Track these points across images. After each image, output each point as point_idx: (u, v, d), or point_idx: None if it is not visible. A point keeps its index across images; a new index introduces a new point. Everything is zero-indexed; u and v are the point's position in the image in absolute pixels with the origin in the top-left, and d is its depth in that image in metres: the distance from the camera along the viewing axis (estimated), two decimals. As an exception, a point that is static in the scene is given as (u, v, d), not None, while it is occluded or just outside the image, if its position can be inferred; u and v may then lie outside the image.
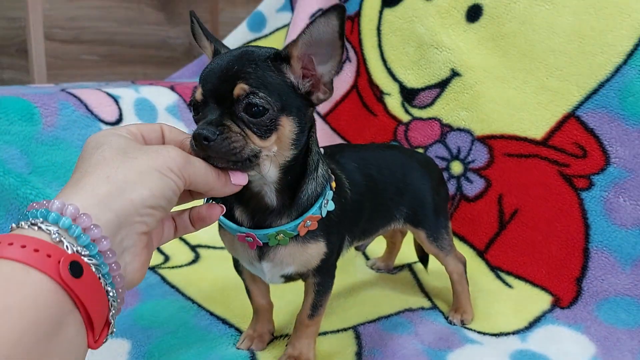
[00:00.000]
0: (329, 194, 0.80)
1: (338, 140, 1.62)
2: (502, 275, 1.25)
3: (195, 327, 0.98)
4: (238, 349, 0.93)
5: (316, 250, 0.81)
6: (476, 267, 1.28)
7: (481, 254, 1.31)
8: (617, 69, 1.20)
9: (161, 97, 1.57)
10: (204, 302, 1.07)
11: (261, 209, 0.77)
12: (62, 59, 2.45)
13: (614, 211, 1.16)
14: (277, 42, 1.90)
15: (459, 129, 1.40)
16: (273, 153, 0.70)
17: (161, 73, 2.65)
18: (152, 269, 1.20)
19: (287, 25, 1.89)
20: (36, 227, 0.48)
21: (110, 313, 0.52)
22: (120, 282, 0.53)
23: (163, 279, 1.16)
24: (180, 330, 0.96)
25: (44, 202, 0.51)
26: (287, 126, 0.69)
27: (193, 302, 1.07)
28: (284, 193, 0.76)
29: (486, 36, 1.40)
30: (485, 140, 1.36)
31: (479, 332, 1.03)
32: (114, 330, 0.54)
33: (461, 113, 1.40)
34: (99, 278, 0.50)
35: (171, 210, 0.61)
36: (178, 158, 0.58)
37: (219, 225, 0.82)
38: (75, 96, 1.39)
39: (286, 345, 0.92)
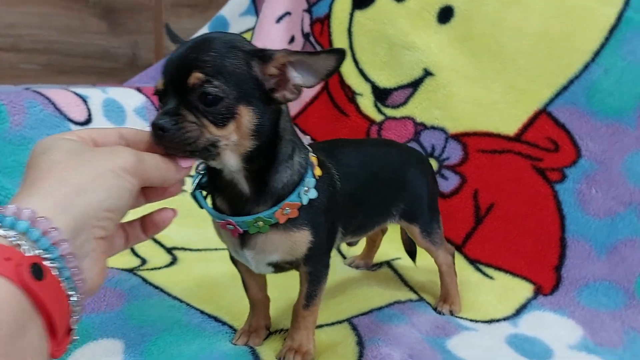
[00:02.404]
0: (310, 181, 0.79)
1: (307, 141, 1.62)
2: (482, 267, 1.28)
3: (189, 324, 0.94)
4: (235, 344, 0.90)
5: (300, 238, 0.80)
6: (455, 261, 1.30)
7: (459, 248, 1.34)
8: (585, 67, 1.26)
9: (129, 98, 1.52)
10: (192, 301, 1.03)
11: (236, 196, 0.77)
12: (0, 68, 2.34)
13: (587, 202, 1.22)
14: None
15: (433, 127, 1.43)
16: (233, 142, 0.69)
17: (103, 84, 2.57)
18: (131, 271, 1.14)
19: (252, 29, 1.88)
20: None
21: (72, 319, 0.49)
22: (82, 287, 0.50)
23: (144, 280, 1.10)
24: (174, 328, 0.92)
25: None
26: (246, 115, 0.69)
27: (181, 301, 1.03)
28: (256, 181, 0.76)
29: (457, 37, 1.44)
30: (459, 137, 1.40)
31: (471, 320, 1.05)
32: (76, 338, 0.51)
33: (434, 112, 1.44)
34: (61, 282, 0.47)
35: (121, 220, 0.59)
36: (130, 157, 0.57)
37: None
38: (42, 95, 1.32)
39: (285, 339, 0.90)
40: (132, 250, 1.26)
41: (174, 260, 1.25)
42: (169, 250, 1.30)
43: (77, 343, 0.85)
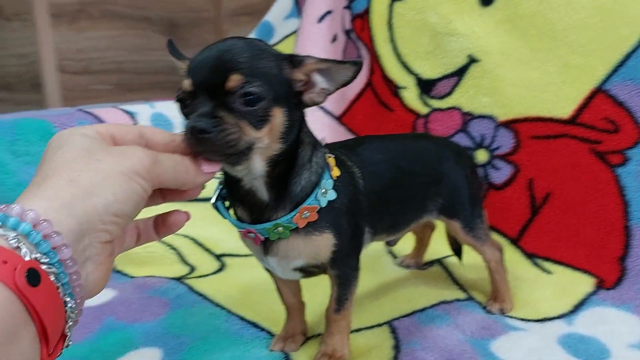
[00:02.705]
0: (328, 183, 0.77)
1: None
2: (539, 261, 1.20)
3: (227, 332, 0.95)
4: (272, 351, 0.90)
5: (323, 242, 0.78)
6: (511, 255, 1.23)
7: (514, 242, 1.26)
8: (642, 39, 1.15)
9: (176, 111, 1.56)
10: (233, 307, 1.04)
11: (256, 204, 0.76)
12: (75, 90, 2.46)
13: (653, 185, 1.11)
14: (287, 49, 1.88)
15: (481, 116, 1.36)
16: (264, 145, 0.69)
17: (171, 98, 2.66)
18: (179, 279, 1.17)
19: (296, 31, 1.87)
20: None
21: (67, 325, 0.49)
22: (80, 293, 0.50)
23: (190, 288, 1.13)
24: (211, 336, 0.93)
25: (4, 206, 0.48)
26: (279, 117, 0.69)
27: (222, 308, 1.04)
28: (275, 187, 0.75)
29: (502, 18, 1.36)
30: (509, 124, 1.32)
31: (522, 319, 0.98)
32: (70, 343, 0.51)
33: (482, 99, 1.36)
34: (58, 288, 0.47)
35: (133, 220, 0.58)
36: (145, 159, 0.55)
37: None
38: (92, 114, 1.39)
39: (320, 344, 0.88)
40: (182, 259, 1.29)
41: (221, 267, 1.27)
42: (218, 257, 1.33)
43: (120, 352, 0.88)
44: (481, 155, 1.35)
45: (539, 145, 1.27)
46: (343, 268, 0.84)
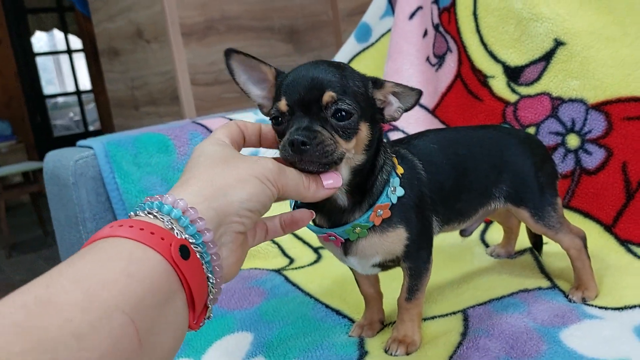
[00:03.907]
0: (395, 180, 0.84)
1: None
2: (634, 248, 1.16)
3: (312, 318, 1.06)
4: (350, 337, 0.98)
5: (396, 236, 0.85)
6: (604, 243, 1.20)
7: (609, 228, 1.22)
8: None
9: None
10: (322, 296, 1.15)
11: (334, 209, 0.83)
12: (207, 101, 2.70)
13: None
14: (384, 47, 1.93)
15: (571, 100, 1.32)
16: (351, 155, 0.77)
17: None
18: (278, 271, 1.31)
19: (390, 29, 1.92)
20: (152, 216, 0.57)
21: (209, 297, 0.60)
22: (219, 272, 0.60)
23: (286, 278, 1.26)
24: (298, 322, 1.04)
25: (158, 196, 0.60)
26: (365, 131, 0.77)
27: (311, 297, 1.15)
28: (354, 194, 0.82)
29: (587, -2, 1.31)
30: (600, 107, 1.27)
31: (601, 307, 0.97)
32: (211, 315, 0.62)
33: (571, 83, 1.33)
34: (202, 264, 0.57)
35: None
36: (274, 168, 0.66)
37: None
38: (203, 125, 1.57)
39: (392, 330, 0.95)
40: (283, 252, 1.43)
41: (318, 259, 1.39)
42: (316, 250, 1.44)
43: (218, 335, 1.02)
44: (572, 141, 1.32)
45: (633, 126, 1.22)
46: (415, 260, 0.90)
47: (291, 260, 1.39)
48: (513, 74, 1.45)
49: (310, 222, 0.87)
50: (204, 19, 2.60)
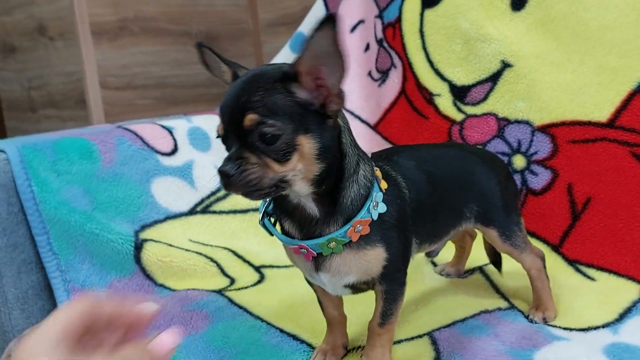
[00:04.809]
0: (378, 195, 0.78)
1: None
2: (582, 268, 1.18)
3: (267, 344, 0.97)
4: (312, 364, 0.91)
5: (374, 256, 0.79)
6: (552, 262, 1.21)
7: (556, 248, 1.24)
8: (682, 36, 1.12)
9: (212, 124, 1.59)
10: (273, 319, 1.06)
11: (306, 219, 0.77)
12: (118, 106, 2.52)
13: (699, 187, 1.07)
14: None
15: (517, 121, 1.35)
16: (300, 171, 0.70)
17: (213, 110, 2.71)
18: (219, 292, 1.20)
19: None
20: None
21: None
22: None
23: (231, 300, 1.15)
24: (251, 349, 0.95)
25: None
26: (307, 144, 0.69)
27: (262, 320, 1.06)
28: (324, 202, 0.75)
29: (535, 22, 1.35)
30: (546, 129, 1.30)
31: (565, 329, 0.96)
32: None
33: (518, 104, 1.35)
34: None
35: None
36: None
37: None
38: (130, 131, 1.42)
39: (360, 357, 0.89)
40: (222, 271, 1.32)
41: (261, 279, 1.30)
42: (257, 269, 1.35)
43: (164, 366, 0.90)
44: (518, 161, 1.33)
45: (578, 149, 1.25)
46: (391, 284, 0.84)
47: (232, 281, 1.28)
48: (459, 93, 1.45)
49: (279, 231, 0.81)
50: (117, 18, 2.43)
